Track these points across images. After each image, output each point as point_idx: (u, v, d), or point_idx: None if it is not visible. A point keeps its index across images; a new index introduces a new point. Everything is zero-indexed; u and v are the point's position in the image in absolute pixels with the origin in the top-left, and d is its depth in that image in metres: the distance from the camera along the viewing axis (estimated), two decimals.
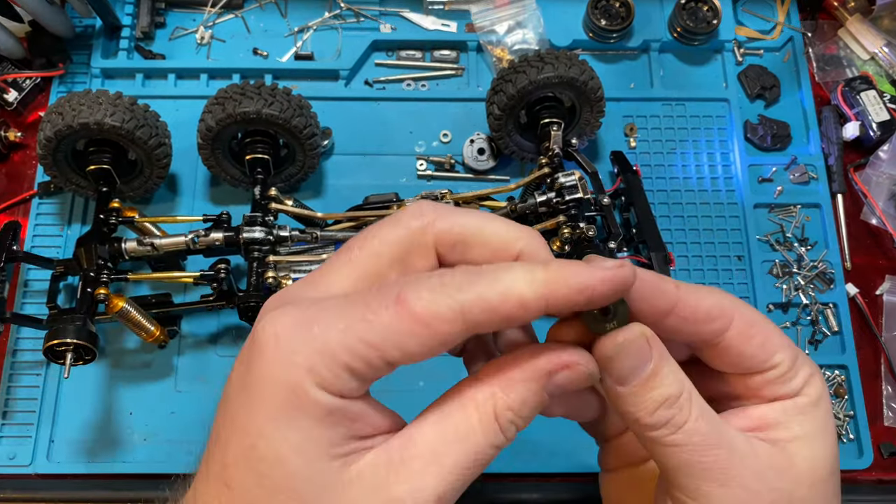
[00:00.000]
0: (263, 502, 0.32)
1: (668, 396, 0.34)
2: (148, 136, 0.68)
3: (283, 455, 0.32)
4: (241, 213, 0.67)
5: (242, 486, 0.33)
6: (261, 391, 0.33)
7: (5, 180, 0.79)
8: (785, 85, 0.84)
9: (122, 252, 0.66)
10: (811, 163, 0.81)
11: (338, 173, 0.79)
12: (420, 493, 0.31)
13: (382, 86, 0.83)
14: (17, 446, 0.69)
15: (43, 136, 0.67)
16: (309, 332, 0.32)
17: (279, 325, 0.32)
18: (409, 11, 0.86)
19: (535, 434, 0.70)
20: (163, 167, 0.72)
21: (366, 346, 0.31)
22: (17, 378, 0.71)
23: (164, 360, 0.72)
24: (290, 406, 0.32)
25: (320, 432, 0.31)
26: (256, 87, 0.68)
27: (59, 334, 0.59)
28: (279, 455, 0.32)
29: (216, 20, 0.86)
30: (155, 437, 0.69)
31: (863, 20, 0.86)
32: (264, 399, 0.32)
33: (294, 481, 0.32)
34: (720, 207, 0.79)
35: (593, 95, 0.72)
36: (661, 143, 0.82)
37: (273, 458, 0.32)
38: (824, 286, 0.76)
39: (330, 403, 0.31)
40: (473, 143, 0.79)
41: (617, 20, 0.83)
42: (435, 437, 0.32)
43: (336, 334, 0.31)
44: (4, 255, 0.66)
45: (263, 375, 0.33)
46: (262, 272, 0.63)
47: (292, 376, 0.31)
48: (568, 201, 0.65)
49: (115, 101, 0.67)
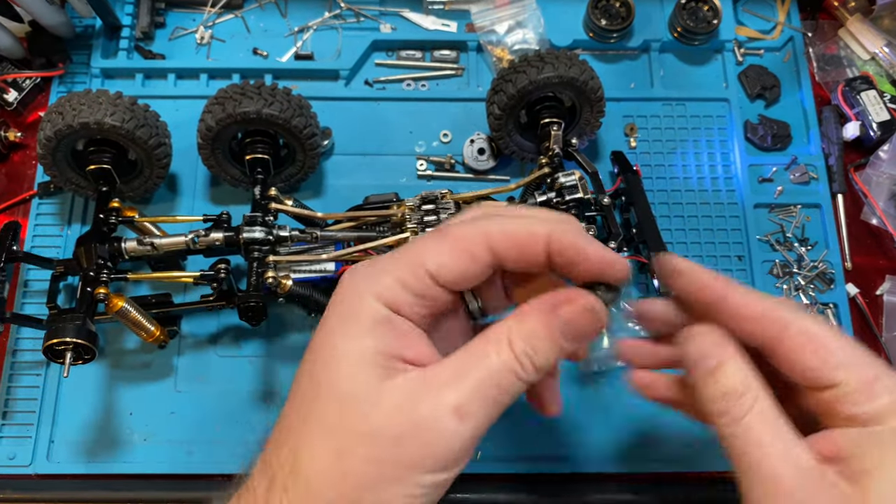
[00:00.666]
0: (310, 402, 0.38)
1: (730, 390, 0.39)
2: (148, 136, 0.68)
3: (335, 358, 0.37)
4: (241, 213, 0.67)
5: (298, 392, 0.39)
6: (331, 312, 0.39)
7: (5, 180, 0.79)
8: (785, 85, 0.84)
9: (121, 252, 0.66)
10: (811, 163, 0.81)
11: (338, 173, 0.79)
12: (440, 404, 0.36)
13: (382, 86, 0.83)
14: (17, 446, 0.69)
15: (43, 135, 0.67)
16: (374, 264, 0.40)
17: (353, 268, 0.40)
18: (409, 11, 0.86)
19: (535, 434, 0.70)
20: (163, 167, 0.72)
21: (411, 261, 0.38)
22: (17, 378, 0.71)
23: (164, 361, 0.72)
24: (349, 316, 0.38)
25: (369, 341, 0.37)
26: (256, 87, 0.68)
27: (59, 333, 0.59)
28: (331, 357, 0.38)
29: (216, 20, 0.86)
30: (155, 438, 0.69)
31: (863, 20, 0.86)
32: (331, 317, 0.39)
33: (339, 382, 0.37)
34: (720, 207, 0.79)
35: (593, 95, 0.72)
36: (662, 143, 0.82)
37: (325, 360, 0.38)
38: (824, 286, 0.76)
39: (381, 312, 0.38)
40: (473, 143, 0.79)
41: (617, 20, 0.83)
42: (459, 362, 0.37)
43: (392, 259, 0.39)
44: (4, 255, 0.66)
45: (335, 302, 0.40)
46: (262, 272, 0.63)
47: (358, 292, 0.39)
48: (568, 201, 0.65)
49: (115, 101, 0.67)
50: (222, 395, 0.71)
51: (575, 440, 0.70)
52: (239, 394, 0.71)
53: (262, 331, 0.73)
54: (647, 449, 0.70)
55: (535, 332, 0.38)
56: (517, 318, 0.39)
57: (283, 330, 0.73)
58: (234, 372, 0.71)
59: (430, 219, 0.66)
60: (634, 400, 0.71)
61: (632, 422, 0.71)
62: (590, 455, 0.69)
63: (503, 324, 0.39)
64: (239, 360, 0.72)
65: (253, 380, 0.71)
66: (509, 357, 0.37)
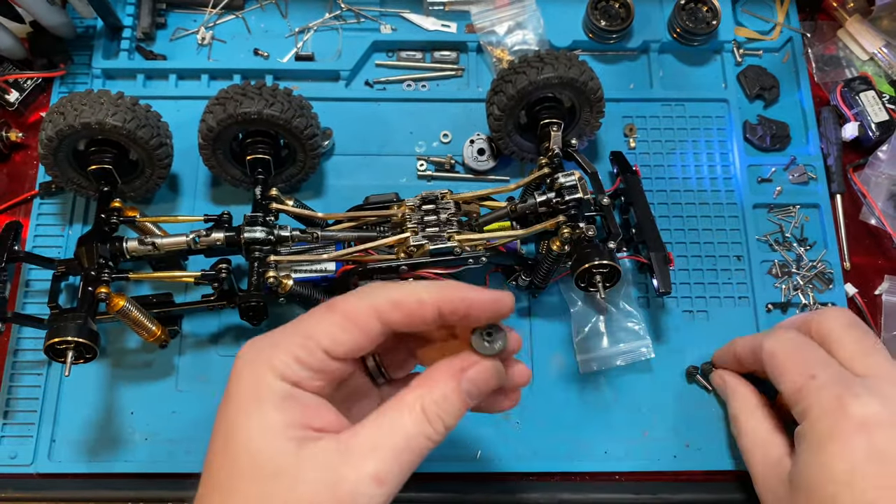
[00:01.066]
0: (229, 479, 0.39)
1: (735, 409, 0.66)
2: (149, 137, 0.69)
3: (248, 437, 0.39)
4: (241, 213, 0.67)
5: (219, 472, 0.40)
6: (234, 392, 0.41)
7: (7, 180, 0.79)
8: (784, 85, 0.84)
9: (123, 251, 0.66)
10: (810, 163, 0.81)
11: (338, 173, 0.80)
12: (361, 474, 0.38)
13: (383, 86, 0.83)
14: (19, 446, 0.69)
15: (44, 135, 0.67)
16: (269, 340, 0.42)
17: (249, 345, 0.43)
18: (410, 12, 0.86)
19: (535, 434, 0.70)
20: (164, 167, 0.72)
21: (304, 338, 0.41)
22: (18, 378, 0.71)
23: (165, 360, 0.72)
24: (254, 397, 0.40)
25: (278, 416, 0.39)
26: (257, 87, 0.69)
27: (60, 332, 0.59)
28: (245, 438, 0.39)
29: (217, 21, 0.86)
30: (156, 437, 0.70)
31: (862, 21, 0.86)
32: (237, 397, 0.41)
33: (257, 459, 0.39)
34: (719, 207, 0.79)
35: (593, 96, 0.72)
36: (661, 143, 0.82)
37: (240, 441, 0.39)
38: (823, 286, 0.76)
39: (285, 390, 0.40)
40: (473, 144, 0.79)
41: (617, 21, 0.83)
42: (374, 429, 0.40)
43: (285, 335, 0.42)
44: (6, 255, 0.66)
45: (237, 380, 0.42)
46: (262, 272, 0.64)
47: (256, 372, 0.41)
48: (568, 201, 0.65)
49: (116, 102, 0.67)
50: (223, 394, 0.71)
51: (574, 440, 0.70)
52: None
53: (262, 330, 0.72)
54: (646, 448, 0.70)
55: (445, 397, 0.41)
56: (427, 384, 0.42)
57: None
58: None
59: (430, 219, 0.66)
60: (634, 400, 0.71)
61: (631, 422, 0.71)
62: (589, 455, 0.70)
63: (414, 391, 0.41)
64: None
65: None
66: (423, 423, 0.40)
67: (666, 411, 0.71)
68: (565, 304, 0.74)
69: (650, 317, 0.74)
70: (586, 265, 0.62)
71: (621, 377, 0.72)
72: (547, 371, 0.72)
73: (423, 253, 0.65)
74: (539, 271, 0.68)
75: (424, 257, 0.65)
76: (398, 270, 0.65)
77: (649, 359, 0.72)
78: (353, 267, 0.66)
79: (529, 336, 0.73)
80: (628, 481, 0.69)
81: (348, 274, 0.67)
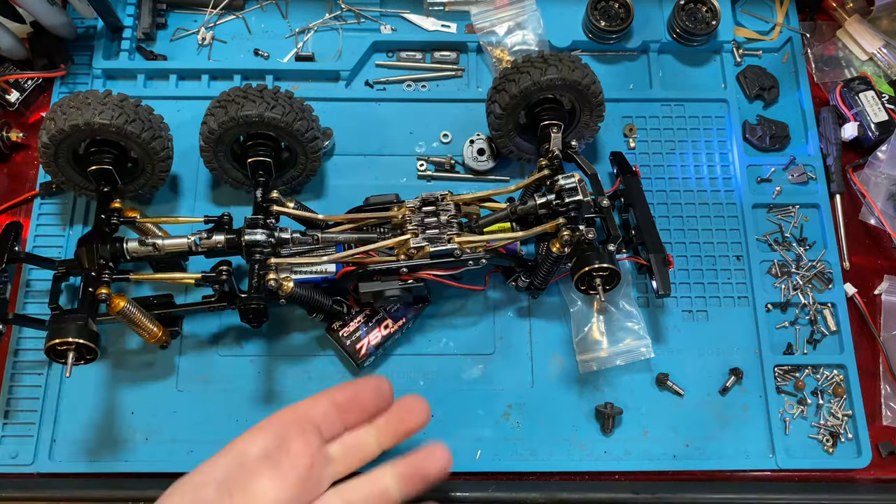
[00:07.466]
0: None
1: None
2: (151, 138, 0.69)
3: None
4: (242, 214, 0.67)
5: None
6: None
7: (7, 180, 0.79)
8: (784, 85, 0.84)
9: (123, 252, 0.66)
10: (810, 163, 0.81)
11: (338, 174, 0.80)
12: None
13: (383, 87, 0.83)
14: (20, 445, 0.69)
15: (45, 135, 0.67)
16: None
17: None
18: (410, 13, 0.86)
19: (535, 434, 0.70)
20: (163, 161, 0.72)
21: None
22: (19, 378, 0.71)
23: (166, 360, 0.72)
24: None
25: None
26: (259, 90, 0.69)
27: (61, 333, 0.59)
28: None
29: (217, 21, 0.86)
30: (156, 437, 0.70)
31: (861, 21, 0.86)
32: None
33: None
34: (719, 208, 0.79)
35: (594, 99, 0.72)
36: (661, 143, 0.82)
37: None
38: (823, 286, 0.77)
39: None
40: (473, 144, 0.79)
41: (616, 21, 0.83)
42: None
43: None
44: (6, 255, 0.66)
45: None
46: (263, 274, 0.64)
47: None
48: (568, 204, 0.65)
49: (103, 100, 0.67)
50: (224, 394, 0.71)
51: (574, 440, 0.70)
52: (240, 393, 0.71)
53: (263, 331, 0.73)
54: (646, 448, 0.70)
55: None
56: None
57: (284, 330, 0.73)
58: (235, 372, 0.71)
59: (430, 220, 0.67)
60: (633, 400, 0.72)
61: (631, 422, 0.71)
62: (589, 455, 0.70)
63: None
64: (240, 359, 0.72)
65: (254, 379, 0.71)
66: None
67: (666, 411, 0.72)
68: (565, 305, 0.74)
69: (650, 317, 0.75)
70: (586, 268, 0.63)
71: (621, 377, 0.72)
72: (547, 371, 0.72)
73: (424, 255, 0.65)
74: (539, 273, 0.68)
75: (424, 259, 0.65)
76: (398, 272, 0.66)
77: (649, 359, 0.72)
78: (353, 268, 0.66)
79: (529, 336, 0.74)
80: (628, 481, 0.69)
81: (349, 275, 0.67)
